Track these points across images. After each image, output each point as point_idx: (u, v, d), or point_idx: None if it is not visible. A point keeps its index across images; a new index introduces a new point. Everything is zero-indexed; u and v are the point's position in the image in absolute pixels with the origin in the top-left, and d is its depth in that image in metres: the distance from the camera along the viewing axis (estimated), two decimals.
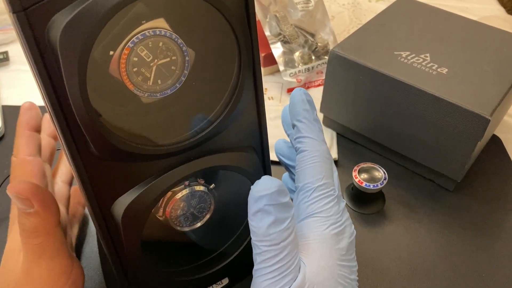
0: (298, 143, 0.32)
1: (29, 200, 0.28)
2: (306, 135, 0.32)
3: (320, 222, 0.29)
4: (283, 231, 0.26)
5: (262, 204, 0.26)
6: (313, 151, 0.31)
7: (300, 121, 0.32)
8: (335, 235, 0.29)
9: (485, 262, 0.43)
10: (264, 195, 0.26)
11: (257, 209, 0.26)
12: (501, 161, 0.53)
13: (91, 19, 0.20)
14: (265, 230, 0.26)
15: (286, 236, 0.26)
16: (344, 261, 0.29)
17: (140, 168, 0.27)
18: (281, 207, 0.26)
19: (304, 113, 0.32)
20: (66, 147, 0.24)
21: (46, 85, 0.22)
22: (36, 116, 0.35)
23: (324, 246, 0.28)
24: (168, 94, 0.25)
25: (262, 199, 0.26)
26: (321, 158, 0.31)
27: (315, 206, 0.29)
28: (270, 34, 0.62)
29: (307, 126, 0.32)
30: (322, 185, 0.30)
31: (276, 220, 0.26)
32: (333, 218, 0.29)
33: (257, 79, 0.29)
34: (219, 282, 0.35)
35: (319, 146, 0.31)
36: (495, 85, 0.45)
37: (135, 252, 0.29)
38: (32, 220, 0.28)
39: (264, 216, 0.26)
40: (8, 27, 0.68)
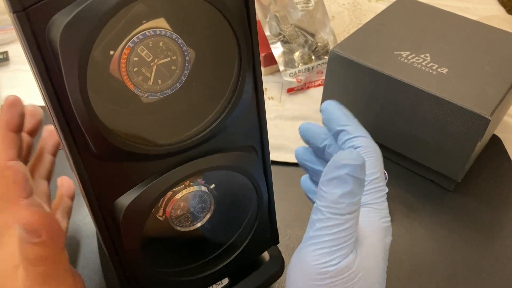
0: (350, 142, 0.32)
1: (37, 231, 0.27)
2: (358, 134, 0.32)
3: (374, 213, 0.30)
4: (353, 204, 0.26)
5: (343, 172, 0.26)
6: (367, 146, 0.32)
7: (346, 125, 0.33)
8: (384, 229, 0.29)
9: (485, 261, 0.43)
10: (348, 164, 0.26)
11: (335, 175, 0.26)
12: (501, 161, 0.53)
13: (91, 19, 0.20)
14: (337, 198, 0.26)
15: (354, 210, 0.27)
16: (386, 256, 0.29)
17: (140, 168, 0.27)
18: (360, 181, 0.26)
19: (346, 118, 0.33)
20: (66, 147, 0.24)
21: (46, 85, 0.22)
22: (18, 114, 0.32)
23: (375, 236, 0.29)
24: (168, 94, 0.25)
25: (344, 167, 0.26)
26: (375, 153, 0.32)
27: (370, 197, 0.30)
28: (270, 34, 0.62)
29: (355, 127, 0.33)
30: (377, 178, 0.31)
31: (351, 192, 0.26)
32: (384, 212, 0.30)
33: (257, 79, 0.29)
34: (219, 282, 0.35)
35: (372, 143, 0.32)
36: (495, 85, 0.45)
37: (135, 252, 0.29)
38: (37, 250, 0.27)
39: (341, 184, 0.26)
40: (8, 27, 0.68)
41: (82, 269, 0.40)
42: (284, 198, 0.46)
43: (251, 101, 0.29)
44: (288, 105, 0.60)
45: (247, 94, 0.28)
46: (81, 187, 0.26)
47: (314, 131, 0.36)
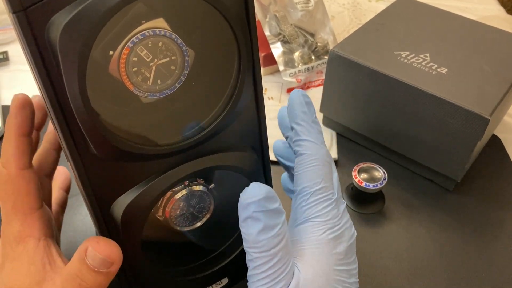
0: (297, 146, 0.31)
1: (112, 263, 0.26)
2: (304, 138, 0.31)
3: (317, 227, 0.29)
4: (273, 237, 0.26)
5: (250, 211, 0.26)
6: (311, 154, 0.30)
7: (298, 124, 0.31)
8: (332, 240, 0.28)
9: (485, 262, 0.43)
10: (252, 202, 0.26)
11: (246, 216, 0.26)
12: (501, 161, 0.53)
13: (91, 19, 0.20)
14: (255, 237, 0.26)
15: (277, 243, 0.26)
16: (342, 265, 0.28)
17: (140, 168, 0.27)
18: (270, 213, 0.26)
19: (302, 115, 0.32)
20: (66, 147, 0.24)
21: (45, 85, 0.22)
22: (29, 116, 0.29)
23: (320, 251, 0.28)
24: (167, 94, 0.25)
25: (250, 206, 0.26)
26: (320, 161, 0.30)
27: (312, 210, 0.29)
28: (270, 34, 0.62)
29: (305, 129, 0.31)
30: (320, 189, 0.29)
31: (265, 227, 0.26)
32: (330, 223, 0.29)
33: (257, 79, 0.29)
34: (219, 282, 0.35)
35: (318, 149, 0.31)
36: (495, 85, 0.45)
37: (135, 252, 0.29)
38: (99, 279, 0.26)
39: (253, 223, 0.26)
40: (8, 27, 0.68)
41: None
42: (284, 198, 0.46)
43: (251, 101, 0.29)
44: None
45: (247, 94, 0.28)
46: (81, 187, 0.26)
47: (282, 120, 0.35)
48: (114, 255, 0.26)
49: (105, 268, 0.26)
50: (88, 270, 0.26)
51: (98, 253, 0.26)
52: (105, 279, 0.26)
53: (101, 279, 0.26)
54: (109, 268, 0.26)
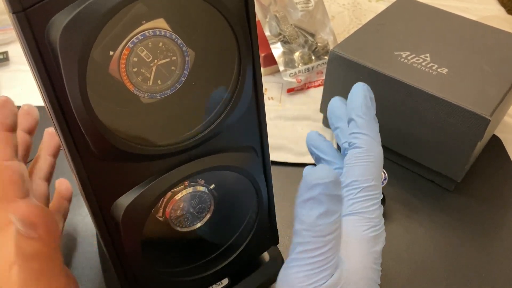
0: (354, 138, 0.31)
1: (34, 224, 0.26)
2: (364, 132, 0.31)
3: (363, 222, 0.28)
4: (332, 224, 0.26)
5: (316, 192, 0.25)
6: (369, 149, 0.30)
7: (360, 116, 0.31)
8: (373, 238, 0.28)
9: (485, 262, 0.43)
10: (321, 183, 0.25)
11: (309, 197, 0.25)
12: (501, 161, 0.53)
13: (91, 19, 0.20)
14: (314, 220, 0.25)
15: (334, 230, 0.26)
16: (376, 265, 0.28)
17: (140, 168, 0.27)
18: (334, 199, 0.26)
19: (365, 109, 0.31)
20: (66, 147, 0.24)
21: (46, 86, 0.22)
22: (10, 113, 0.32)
23: (363, 246, 0.28)
24: (168, 94, 0.25)
25: (317, 187, 0.25)
26: (375, 159, 0.30)
27: (360, 205, 0.29)
28: (270, 34, 0.62)
29: (366, 123, 0.31)
30: (370, 186, 0.29)
31: (327, 211, 0.25)
32: (374, 221, 0.29)
33: (257, 79, 0.29)
34: (219, 282, 0.35)
35: (376, 146, 0.31)
36: (495, 85, 0.45)
37: (135, 252, 0.29)
38: (33, 245, 0.27)
39: (316, 205, 0.25)
40: (8, 27, 0.68)
41: (82, 269, 0.41)
42: (284, 198, 0.46)
43: (251, 102, 0.29)
44: (288, 105, 0.60)
45: (247, 94, 0.28)
46: (81, 188, 0.26)
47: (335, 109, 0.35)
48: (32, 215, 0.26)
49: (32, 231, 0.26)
50: (21, 238, 0.26)
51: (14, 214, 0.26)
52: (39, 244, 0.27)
53: (35, 245, 0.26)
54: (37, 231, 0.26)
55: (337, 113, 0.35)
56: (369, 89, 0.32)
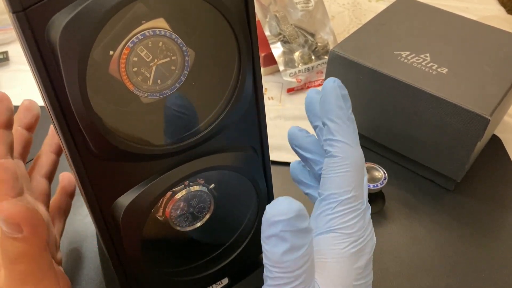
0: (329, 146, 0.28)
1: (18, 225, 0.25)
2: (338, 138, 0.28)
3: (341, 239, 0.26)
4: (299, 259, 0.24)
5: (277, 230, 0.23)
6: (344, 158, 0.27)
7: (332, 120, 0.28)
8: (354, 254, 0.26)
9: (485, 261, 0.43)
10: (281, 220, 0.23)
11: (271, 234, 0.23)
12: (501, 161, 0.53)
13: (91, 19, 0.20)
14: (279, 257, 0.23)
15: (302, 264, 0.24)
16: (360, 280, 0.27)
17: (140, 168, 0.27)
18: (299, 233, 0.23)
19: (337, 111, 0.28)
20: (66, 147, 0.24)
21: (46, 85, 0.22)
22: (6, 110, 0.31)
23: (342, 266, 0.26)
24: (167, 94, 0.25)
25: (277, 225, 0.23)
26: (353, 166, 0.27)
27: (338, 221, 0.27)
28: (270, 34, 0.62)
29: (340, 128, 0.28)
30: (349, 198, 0.27)
31: (292, 248, 0.23)
32: (355, 235, 0.27)
33: (257, 79, 0.29)
34: (219, 282, 0.35)
35: (352, 152, 0.28)
36: (495, 85, 0.45)
37: (135, 252, 0.29)
38: (18, 246, 0.26)
39: (279, 242, 0.23)
40: (8, 27, 0.68)
41: (82, 269, 0.41)
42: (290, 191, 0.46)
43: (251, 101, 0.29)
44: (288, 105, 0.60)
45: (247, 94, 0.28)
46: (81, 187, 0.26)
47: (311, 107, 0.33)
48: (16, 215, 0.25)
49: (17, 231, 0.25)
50: (6, 239, 0.26)
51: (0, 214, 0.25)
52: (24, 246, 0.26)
53: (20, 246, 0.26)
54: (22, 232, 0.25)
55: (313, 110, 0.32)
56: (341, 85, 0.29)
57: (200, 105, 0.27)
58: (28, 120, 0.36)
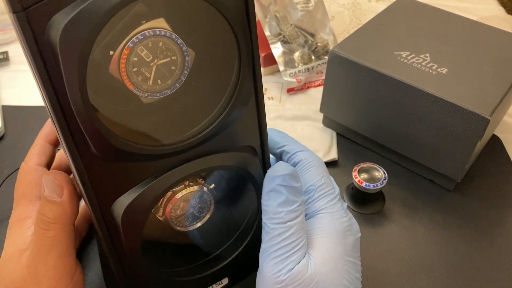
0: (292, 159, 0.34)
1: (61, 187, 0.29)
2: (296, 150, 0.34)
3: (326, 218, 0.30)
4: (292, 212, 0.28)
5: (275, 184, 0.28)
6: (306, 158, 0.33)
7: (284, 145, 0.34)
8: (341, 230, 0.30)
9: (485, 262, 0.43)
10: (278, 175, 0.28)
11: (270, 189, 0.28)
12: (501, 161, 0.53)
13: (91, 19, 0.20)
14: (275, 208, 0.28)
15: (294, 217, 0.28)
16: (349, 257, 0.30)
17: (140, 168, 0.27)
18: (292, 189, 0.28)
19: (283, 139, 0.35)
20: (66, 147, 0.24)
21: (46, 85, 0.22)
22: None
23: (330, 240, 0.29)
24: (168, 94, 0.25)
25: (275, 179, 0.28)
26: (316, 163, 0.33)
27: (320, 203, 0.31)
28: (270, 34, 0.62)
29: (292, 145, 0.34)
30: (322, 184, 0.32)
31: (286, 200, 0.28)
32: (337, 214, 0.31)
33: (257, 79, 0.29)
34: (219, 282, 0.35)
35: (310, 154, 0.33)
36: (495, 85, 0.45)
37: (135, 252, 0.29)
38: (55, 210, 0.29)
39: (276, 195, 0.28)
40: (8, 27, 0.68)
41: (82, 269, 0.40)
42: None
43: (251, 101, 0.29)
44: (288, 105, 0.60)
45: (247, 94, 0.28)
46: (81, 187, 0.26)
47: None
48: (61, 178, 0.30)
49: (57, 195, 0.29)
50: (45, 202, 0.29)
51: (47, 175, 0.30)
52: (60, 210, 0.29)
53: (56, 210, 0.29)
54: (61, 196, 0.29)
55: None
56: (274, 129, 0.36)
57: (200, 105, 0.27)
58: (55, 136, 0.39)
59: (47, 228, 0.29)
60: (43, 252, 0.29)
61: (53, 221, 0.29)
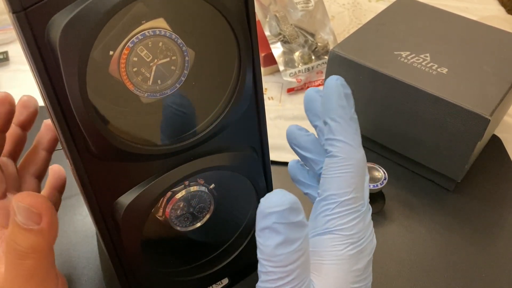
0: (329, 145, 0.27)
1: (39, 215, 0.25)
2: (340, 138, 0.27)
3: (339, 240, 0.26)
4: (293, 253, 0.23)
5: (270, 222, 0.23)
6: (346, 158, 0.27)
7: (334, 120, 0.27)
8: (353, 256, 0.26)
9: (485, 262, 0.43)
10: (274, 212, 0.23)
11: (264, 226, 0.23)
12: (501, 161, 0.53)
13: (91, 19, 0.20)
14: (272, 250, 0.23)
15: (296, 259, 0.23)
16: (359, 282, 0.26)
17: (140, 168, 0.27)
18: (293, 226, 0.23)
19: (340, 110, 0.27)
20: (66, 147, 0.24)
21: (46, 85, 0.22)
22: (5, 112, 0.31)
23: (340, 268, 0.25)
24: (167, 94, 0.25)
25: (271, 216, 0.23)
26: (354, 167, 0.27)
27: (337, 222, 0.26)
28: (270, 34, 0.62)
29: (342, 127, 0.27)
30: (349, 199, 0.26)
31: (285, 241, 0.23)
32: (355, 237, 0.26)
33: (257, 79, 0.29)
34: (219, 282, 0.35)
35: (353, 153, 0.27)
36: (495, 85, 0.45)
37: (135, 252, 0.29)
38: (32, 239, 0.25)
39: (273, 235, 0.23)
40: (8, 27, 0.68)
41: (82, 269, 0.41)
42: None
43: (251, 101, 0.29)
44: (288, 105, 0.60)
45: (247, 94, 0.28)
46: (81, 187, 0.26)
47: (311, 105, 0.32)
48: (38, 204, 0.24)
49: (34, 223, 0.24)
50: (19, 230, 0.24)
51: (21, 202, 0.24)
52: (38, 239, 0.25)
53: (33, 239, 0.25)
54: (39, 224, 0.24)
55: (313, 110, 0.31)
56: (344, 83, 0.28)
57: (200, 105, 0.27)
58: (23, 117, 0.35)
59: (23, 259, 0.25)
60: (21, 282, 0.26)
61: (30, 250, 0.25)
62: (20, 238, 0.25)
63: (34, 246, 0.25)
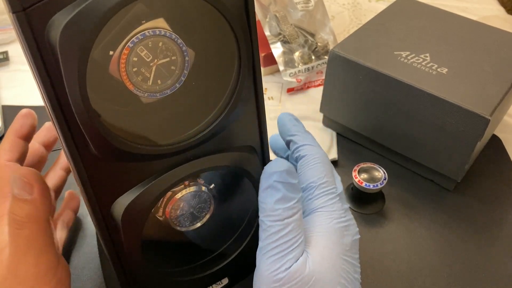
0: (297, 152, 0.33)
1: (31, 185, 0.29)
2: (303, 143, 0.33)
3: (324, 216, 0.30)
4: (289, 209, 0.28)
5: (272, 180, 0.28)
6: (312, 154, 0.32)
7: (293, 134, 0.34)
8: (338, 230, 0.30)
9: (485, 261, 0.43)
10: (275, 172, 0.28)
11: (267, 185, 0.28)
12: (501, 161, 0.53)
13: (91, 19, 0.20)
14: (272, 205, 0.28)
15: (291, 214, 0.28)
16: (347, 257, 0.29)
17: (140, 168, 0.27)
18: (289, 186, 0.28)
19: (295, 128, 0.35)
20: (66, 147, 0.24)
21: (45, 85, 0.22)
22: (29, 124, 0.36)
23: (327, 238, 0.29)
24: (167, 94, 0.25)
25: (272, 175, 0.28)
26: (321, 159, 0.32)
27: (319, 201, 0.31)
28: (270, 34, 0.62)
29: (301, 137, 0.34)
30: (323, 182, 0.31)
31: (283, 197, 0.28)
32: (336, 213, 0.30)
33: (257, 79, 0.29)
34: (219, 282, 0.35)
35: (317, 150, 0.33)
36: (495, 85, 0.45)
37: (135, 252, 0.29)
38: (26, 208, 0.28)
39: (273, 192, 0.28)
40: (8, 27, 0.68)
41: (82, 269, 0.41)
42: None
43: (251, 101, 0.29)
44: (288, 105, 0.60)
45: (247, 94, 0.28)
46: (81, 187, 0.26)
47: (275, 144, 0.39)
48: (29, 176, 0.29)
49: (27, 193, 0.29)
50: (16, 202, 0.28)
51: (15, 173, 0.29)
52: (32, 208, 0.29)
53: (28, 208, 0.29)
54: (31, 194, 0.29)
55: (278, 146, 0.38)
56: (290, 114, 0.36)
57: (200, 105, 0.27)
58: (47, 138, 0.39)
59: (21, 228, 0.28)
60: (21, 252, 0.29)
61: (26, 219, 0.29)
62: (17, 208, 0.28)
63: (29, 215, 0.29)
